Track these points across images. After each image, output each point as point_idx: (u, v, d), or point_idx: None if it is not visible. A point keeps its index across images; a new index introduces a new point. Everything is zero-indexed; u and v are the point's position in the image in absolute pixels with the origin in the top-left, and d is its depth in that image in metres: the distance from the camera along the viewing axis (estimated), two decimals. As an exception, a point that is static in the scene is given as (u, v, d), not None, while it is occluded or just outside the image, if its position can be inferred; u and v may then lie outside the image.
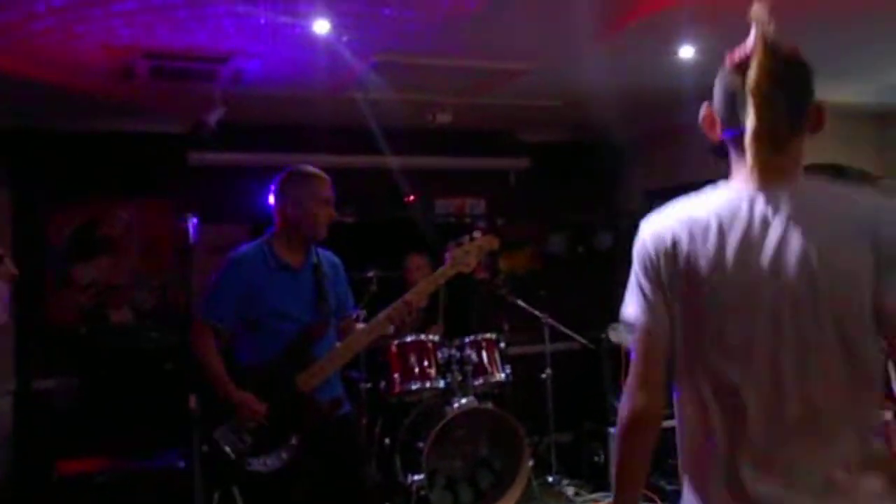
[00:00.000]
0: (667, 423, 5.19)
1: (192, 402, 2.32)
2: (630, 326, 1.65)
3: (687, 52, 4.58)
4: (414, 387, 4.70)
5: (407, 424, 4.79)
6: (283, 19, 3.74)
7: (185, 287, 5.10)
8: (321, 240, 3.23)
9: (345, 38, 4.06)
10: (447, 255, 3.35)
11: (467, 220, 6.60)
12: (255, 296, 2.99)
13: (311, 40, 4.05)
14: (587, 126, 6.74)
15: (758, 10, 1.51)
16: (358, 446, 3.46)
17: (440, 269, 3.33)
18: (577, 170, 6.93)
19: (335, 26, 3.89)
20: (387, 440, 4.87)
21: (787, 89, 1.50)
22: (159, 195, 5.84)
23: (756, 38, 1.50)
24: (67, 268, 5.48)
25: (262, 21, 3.80)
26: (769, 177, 1.49)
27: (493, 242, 3.44)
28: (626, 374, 5.24)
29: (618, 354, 5.16)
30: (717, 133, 1.65)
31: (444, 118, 5.41)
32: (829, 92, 6.42)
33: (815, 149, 5.87)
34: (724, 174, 4.80)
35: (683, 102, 5.62)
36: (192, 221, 2.65)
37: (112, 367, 4.55)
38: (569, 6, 3.85)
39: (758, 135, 1.46)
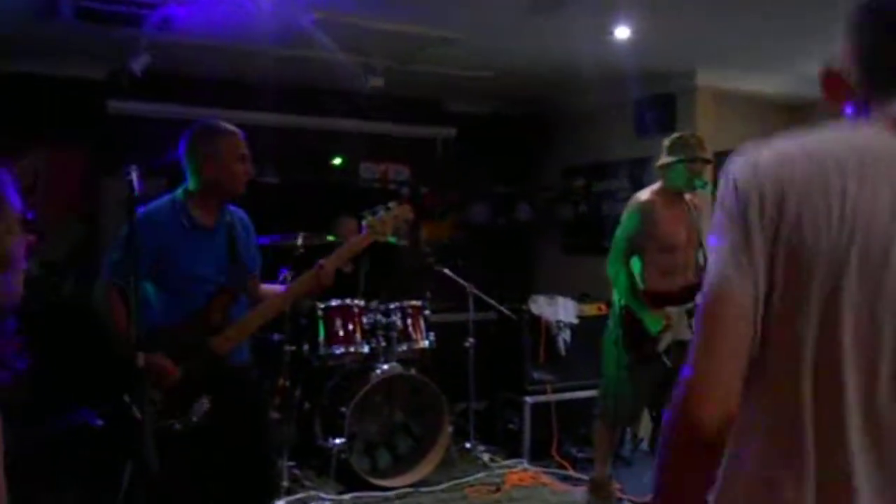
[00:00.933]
0: (579, 394, 5.28)
1: (141, 359, 2.24)
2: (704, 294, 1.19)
3: (622, 32, 4.68)
4: (338, 351, 4.67)
5: (329, 388, 4.78)
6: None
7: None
8: (238, 197, 3.12)
9: (287, -8, 3.97)
10: (363, 223, 3.35)
11: (391, 185, 6.59)
12: (167, 257, 2.86)
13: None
14: (514, 100, 6.82)
15: None
16: (264, 409, 3.46)
17: (356, 237, 3.33)
18: (501, 142, 7.01)
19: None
20: (307, 403, 4.84)
21: None
22: (73, 143, 5.59)
23: None
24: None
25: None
26: None
27: (408, 212, 3.44)
28: (545, 345, 5.32)
29: (537, 325, 5.27)
30: (843, 98, 1.26)
31: (376, 82, 5.35)
32: (745, 81, 6.72)
33: (727, 135, 6.15)
34: (647, 153, 4.89)
35: (613, 82, 5.80)
36: (135, 173, 2.52)
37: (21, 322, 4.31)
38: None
39: None
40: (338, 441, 4.47)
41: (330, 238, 4.92)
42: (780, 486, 1.12)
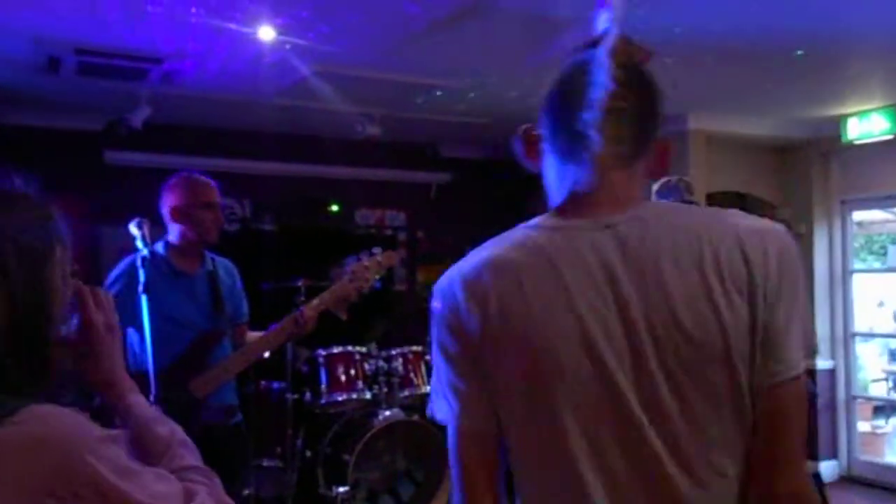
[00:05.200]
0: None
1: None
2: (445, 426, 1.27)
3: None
4: (340, 398, 4.67)
5: (331, 435, 4.76)
6: (230, 25, 3.68)
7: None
8: (212, 245, 3.17)
9: (288, 47, 4.03)
10: (347, 269, 3.41)
11: (388, 231, 6.63)
12: (150, 302, 2.84)
13: (253, 46, 4.00)
14: (508, 144, 6.88)
15: None
16: (245, 457, 3.35)
17: (338, 284, 3.39)
18: (496, 186, 7.07)
19: (280, 34, 3.87)
20: (308, 452, 4.81)
21: (638, 102, 1.22)
22: (70, 194, 5.60)
23: (614, 33, 1.20)
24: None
25: (205, 25, 3.73)
26: (608, 204, 1.22)
27: (393, 259, 3.56)
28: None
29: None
30: (537, 154, 1.32)
31: (372, 130, 5.42)
32: (735, 124, 6.83)
33: (720, 177, 6.23)
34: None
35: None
36: (146, 226, 2.57)
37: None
38: (506, 31, 3.97)
39: (606, 149, 1.18)
40: (341, 489, 4.44)
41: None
42: None
